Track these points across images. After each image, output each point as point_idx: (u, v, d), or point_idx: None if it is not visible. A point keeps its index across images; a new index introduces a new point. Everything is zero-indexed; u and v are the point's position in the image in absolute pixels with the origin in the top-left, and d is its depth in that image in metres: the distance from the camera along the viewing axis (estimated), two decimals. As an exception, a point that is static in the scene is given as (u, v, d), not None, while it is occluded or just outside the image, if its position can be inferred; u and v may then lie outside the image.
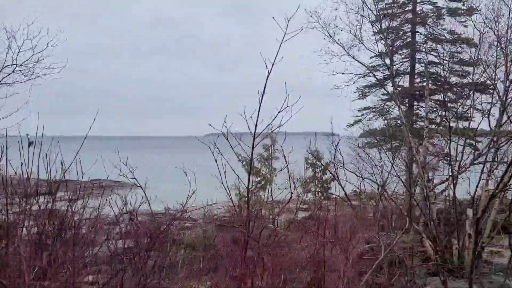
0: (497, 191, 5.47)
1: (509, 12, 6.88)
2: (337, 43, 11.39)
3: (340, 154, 9.26)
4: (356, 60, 11.93)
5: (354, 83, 12.34)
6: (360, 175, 9.25)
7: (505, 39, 6.88)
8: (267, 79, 2.69)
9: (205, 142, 3.05)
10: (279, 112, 2.85)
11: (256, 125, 2.77)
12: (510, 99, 7.58)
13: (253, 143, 2.89)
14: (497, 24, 7.28)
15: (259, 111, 2.75)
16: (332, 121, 9.27)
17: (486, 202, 5.66)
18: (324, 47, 11.56)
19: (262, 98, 2.74)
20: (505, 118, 7.01)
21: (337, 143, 9.12)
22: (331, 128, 9.42)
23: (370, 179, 9.00)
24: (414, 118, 13.48)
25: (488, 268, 7.76)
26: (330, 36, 11.26)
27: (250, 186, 3.03)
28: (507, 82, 6.92)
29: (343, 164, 9.31)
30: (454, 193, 7.13)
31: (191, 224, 9.90)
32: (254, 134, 2.82)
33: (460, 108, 12.91)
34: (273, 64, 2.68)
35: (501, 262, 8.22)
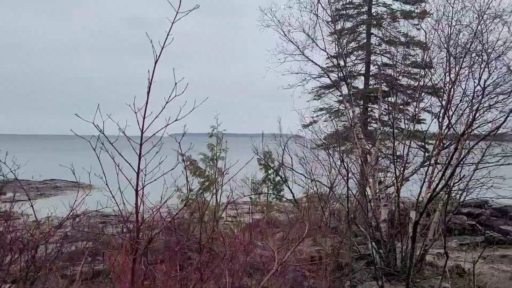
0: (434, 193, 5.34)
1: (453, 13, 6.81)
2: (291, 42, 11.19)
3: (289, 155, 9.02)
4: (310, 60, 11.77)
5: (307, 83, 12.16)
6: (310, 177, 9.04)
7: (448, 39, 6.80)
8: (155, 64, 2.34)
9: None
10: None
11: (144, 118, 2.42)
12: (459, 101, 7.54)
13: (141, 139, 2.53)
14: (443, 26, 7.21)
15: (146, 103, 2.40)
16: (280, 121, 9.01)
17: (424, 205, 5.51)
18: (279, 45, 11.37)
19: (150, 87, 2.39)
20: (446, 121, 6.95)
21: (285, 144, 8.87)
22: (279, 129, 9.17)
23: (319, 181, 8.79)
24: (368, 120, 13.49)
25: (431, 271, 7.69)
26: (285, 34, 11.05)
27: (139, 189, 2.64)
28: (450, 83, 6.85)
29: (292, 166, 9.09)
30: (398, 195, 6.99)
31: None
32: (142, 128, 2.46)
33: (412, 110, 13.01)
34: (162, 47, 2.33)
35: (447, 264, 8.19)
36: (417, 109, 12.47)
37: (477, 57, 5.82)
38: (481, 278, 6.57)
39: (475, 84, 5.71)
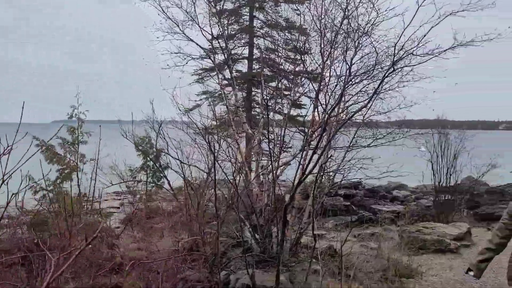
0: (303, 177, 5.20)
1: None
2: (170, 19, 10.43)
3: (165, 140, 8.35)
4: (191, 40, 11.15)
5: (186, 63, 11.53)
6: (187, 162, 8.49)
7: (320, 19, 6.73)
8: None
9: None
10: None
11: None
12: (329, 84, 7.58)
13: None
14: (316, 7, 7.13)
15: None
16: (152, 102, 8.28)
17: (294, 188, 5.35)
18: (158, 22, 10.51)
19: None
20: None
21: (159, 128, 8.19)
22: (153, 113, 8.42)
23: (195, 166, 8.30)
24: (252, 104, 13.37)
25: (307, 254, 7.73)
26: (163, 11, 10.24)
27: None
28: (322, 65, 6.81)
29: (167, 151, 8.46)
30: (273, 179, 6.81)
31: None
32: None
33: (293, 95, 13.15)
34: None
35: (322, 245, 8.31)
36: (297, 94, 12.64)
37: (348, 38, 5.80)
38: (350, 258, 6.70)
39: (347, 67, 5.68)
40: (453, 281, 6.43)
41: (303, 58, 9.79)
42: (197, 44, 11.17)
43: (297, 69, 12.53)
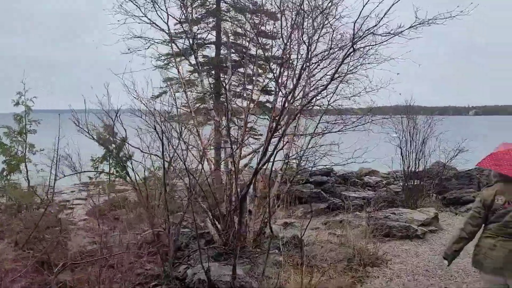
0: (260, 165, 4.92)
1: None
2: (131, 1, 9.89)
3: (123, 128, 7.88)
4: (154, 23, 10.62)
5: (148, 48, 11.01)
6: (147, 151, 8.06)
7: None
8: None
9: None
10: None
11: None
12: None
13: None
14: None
15: None
16: (107, 87, 7.74)
17: (252, 177, 5.07)
18: (117, 4, 9.94)
19: None
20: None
21: (117, 115, 7.70)
22: (108, 101, 7.89)
23: (156, 155, 7.89)
24: (221, 91, 12.97)
25: (273, 243, 7.51)
26: (123, -9, 9.67)
27: None
28: (285, 47, 6.51)
29: (126, 139, 8.01)
30: (235, 168, 6.53)
31: None
32: None
33: (263, 82, 12.84)
34: None
35: (290, 234, 8.10)
36: (265, 80, 12.34)
37: (308, 17, 5.50)
38: (314, 247, 6.51)
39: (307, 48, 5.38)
40: (418, 268, 6.31)
41: (271, 43, 9.48)
42: (159, 28, 10.66)
43: (266, 54, 12.22)
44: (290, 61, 7.55)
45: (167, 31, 10.88)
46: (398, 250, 7.27)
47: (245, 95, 11.55)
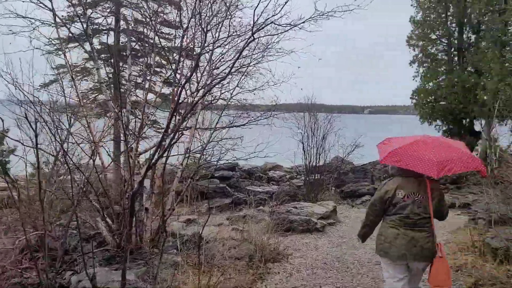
0: (152, 161, 4.55)
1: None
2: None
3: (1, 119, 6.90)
4: (41, 3, 9.51)
5: (34, 29, 9.85)
6: (31, 145, 7.16)
7: None
8: None
9: None
10: None
11: None
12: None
13: None
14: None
15: None
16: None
17: (144, 173, 4.67)
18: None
19: None
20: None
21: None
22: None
23: (41, 149, 7.04)
24: (121, 80, 12.14)
25: (172, 242, 7.13)
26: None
27: None
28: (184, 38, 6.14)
29: (7, 131, 7.06)
30: (129, 164, 6.03)
31: None
32: None
33: (166, 73, 12.29)
34: None
35: (191, 231, 7.77)
36: (168, 72, 11.80)
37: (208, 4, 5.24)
38: (215, 245, 6.28)
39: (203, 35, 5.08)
40: (317, 261, 6.41)
41: (175, 33, 9.02)
42: (48, 8, 9.58)
43: (169, 44, 11.69)
44: (190, 51, 7.22)
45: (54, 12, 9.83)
46: (299, 244, 7.35)
47: (146, 86, 10.95)
